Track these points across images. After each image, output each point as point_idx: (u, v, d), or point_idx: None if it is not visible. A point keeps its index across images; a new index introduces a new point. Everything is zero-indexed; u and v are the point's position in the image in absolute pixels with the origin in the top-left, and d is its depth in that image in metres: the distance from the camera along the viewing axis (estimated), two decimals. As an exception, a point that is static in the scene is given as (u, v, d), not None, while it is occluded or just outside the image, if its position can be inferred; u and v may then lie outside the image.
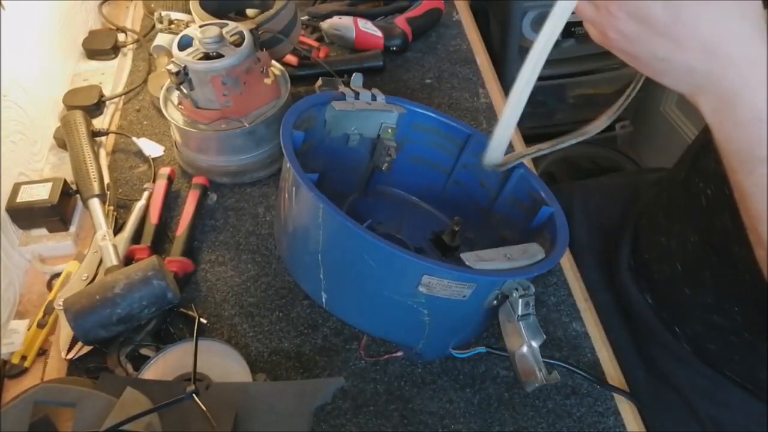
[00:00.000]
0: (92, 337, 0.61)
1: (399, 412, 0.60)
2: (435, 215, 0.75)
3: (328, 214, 0.50)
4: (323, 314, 0.68)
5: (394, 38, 0.99)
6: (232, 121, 0.77)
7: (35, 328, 0.67)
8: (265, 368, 0.64)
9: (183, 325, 0.67)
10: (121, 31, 1.06)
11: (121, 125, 0.91)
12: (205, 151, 0.80)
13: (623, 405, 0.61)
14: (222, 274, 0.72)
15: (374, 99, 0.68)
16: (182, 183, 0.82)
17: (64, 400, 0.52)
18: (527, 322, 0.52)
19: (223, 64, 0.72)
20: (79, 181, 0.76)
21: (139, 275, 0.61)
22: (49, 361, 0.65)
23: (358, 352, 0.65)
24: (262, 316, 0.68)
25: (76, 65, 1.01)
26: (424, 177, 0.73)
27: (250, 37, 0.75)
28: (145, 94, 0.95)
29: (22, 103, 0.81)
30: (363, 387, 0.62)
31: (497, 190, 0.68)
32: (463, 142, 0.70)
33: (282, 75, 0.84)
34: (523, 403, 0.61)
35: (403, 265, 0.50)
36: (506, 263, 0.53)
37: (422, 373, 0.63)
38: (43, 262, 0.74)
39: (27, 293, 0.72)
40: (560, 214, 0.61)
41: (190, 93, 0.75)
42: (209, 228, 0.77)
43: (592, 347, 0.66)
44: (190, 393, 0.50)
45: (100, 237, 0.70)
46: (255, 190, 0.81)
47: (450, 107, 0.92)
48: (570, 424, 0.60)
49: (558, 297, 0.70)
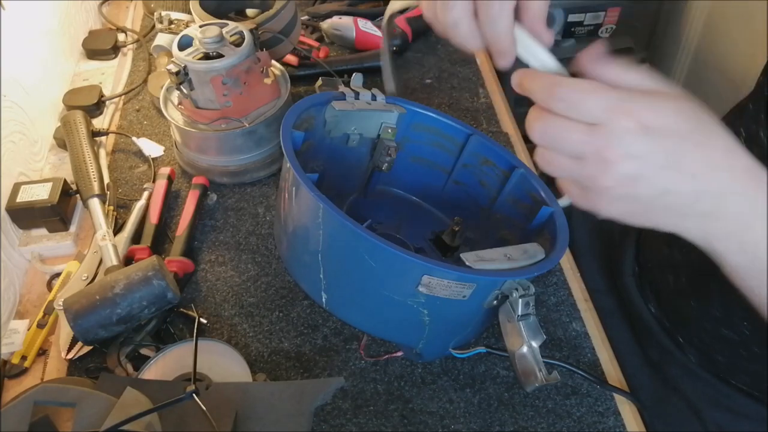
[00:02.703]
0: (92, 337, 0.61)
1: (399, 412, 0.60)
2: (435, 215, 0.75)
3: (328, 214, 0.50)
4: (323, 314, 0.68)
5: (394, 38, 0.99)
6: (232, 121, 0.77)
7: (35, 328, 0.67)
8: (265, 368, 0.64)
9: (183, 325, 0.67)
10: (121, 31, 1.06)
11: (121, 125, 0.91)
12: (205, 151, 0.80)
13: (623, 405, 0.61)
14: (222, 274, 0.72)
15: (374, 99, 0.68)
16: (182, 183, 0.82)
17: (64, 400, 0.52)
18: (527, 322, 0.52)
19: (223, 64, 0.72)
20: (79, 181, 0.76)
21: (139, 275, 0.61)
22: (49, 361, 0.65)
23: (358, 352, 0.65)
24: (262, 316, 0.68)
25: (76, 65, 1.01)
26: (424, 177, 0.73)
27: (250, 37, 0.75)
28: (145, 94, 0.95)
29: (22, 103, 0.81)
30: (363, 387, 0.62)
31: (497, 190, 0.68)
32: (463, 142, 0.70)
33: (282, 75, 0.84)
34: (523, 403, 0.61)
35: (403, 265, 0.50)
36: (506, 263, 0.53)
37: (422, 373, 0.63)
38: (43, 262, 0.74)
39: (27, 293, 0.72)
40: (560, 214, 0.61)
41: (190, 93, 0.75)
42: (209, 228, 0.77)
43: (592, 347, 0.66)
44: (190, 393, 0.50)
45: (100, 237, 0.70)
46: (255, 190, 0.81)
47: (450, 107, 0.92)
48: (570, 424, 0.59)
49: (558, 297, 0.70)
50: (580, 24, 1.58)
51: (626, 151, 0.39)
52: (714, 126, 0.41)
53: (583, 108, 0.40)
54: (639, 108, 0.39)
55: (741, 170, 0.41)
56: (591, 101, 0.40)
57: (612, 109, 0.39)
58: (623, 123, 0.39)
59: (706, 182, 0.40)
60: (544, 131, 0.42)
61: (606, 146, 0.40)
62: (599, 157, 0.40)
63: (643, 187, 0.40)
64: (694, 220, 0.42)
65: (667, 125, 0.39)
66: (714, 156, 0.40)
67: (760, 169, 0.41)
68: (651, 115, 0.39)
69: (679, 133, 0.39)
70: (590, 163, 0.41)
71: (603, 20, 1.59)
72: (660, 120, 0.39)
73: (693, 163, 0.40)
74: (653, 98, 0.40)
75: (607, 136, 0.40)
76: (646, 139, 0.39)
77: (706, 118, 0.41)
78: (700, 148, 0.40)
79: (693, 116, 0.40)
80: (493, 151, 0.68)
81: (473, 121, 0.89)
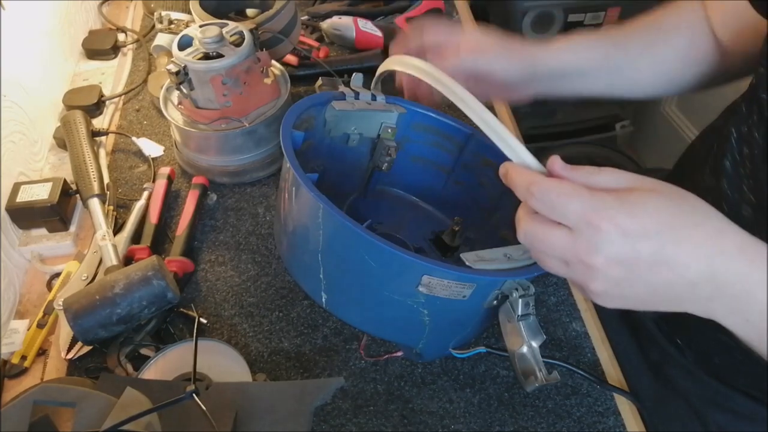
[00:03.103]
0: (92, 337, 0.61)
1: (399, 412, 0.60)
2: (435, 215, 0.75)
3: (328, 214, 0.50)
4: (323, 314, 0.68)
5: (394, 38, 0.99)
6: (232, 121, 0.77)
7: (35, 328, 0.66)
8: (265, 368, 0.63)
9: (183, 325, 0.67)
10: (121, 31, 1.06)
11: (120, 125, 0.91)
12: (205, 150, 0.80)
13: (623, 405, 0.61)
14: (222, 274, 0.72)
15: (374, 99, 0.68)
16: (182, 183, 0.82)
17: (64, 400, 0.52)
18: (527, 322, 0.52)
19: (223, 64, 0.72)
20: (79, 180, 0.76)
21: (139, 275, 0.61)
22: (49, 361, 0.65)
23: (358, 352, 0.65)
24: (262, 316, 0.68)
25: (76, 65, 1.01)
26: (424, 177, 0.73)
27: (250, 37, 0.75)
28: (144, 94, 0.95)
29: (22, 103, 0.81)
30: (363, 387, 0.62)
31: (497, 190, 0.68)
32: (463, 142, 0.70)
33: (282, 75, 0.84)
34: (523, 403, 0.61)
35: (403, 265, 0.50)
36: (506, 263, 0.53)
37: (422, 373, 0.63)
38: (42, 262, 0.74)
39: (27, 293, 0.72)
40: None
41: (190, 93, 0.75)
42: (209, 228, 0.77)
43: (592, 347, 0.66)
44: (190, 393, 0.50)
45: (100, 237, 0.70)
46: (255, 190, 0.81)
47: (450, 107, 0.91)
48: (570, 424, 0.59)
49: (558, 297, 0.70)
50: (581, 24, 1.58)
51: (610, 258, 0.39)
52: (698, 210, 0.41)
53: (561, 211, 0.40)
54: (616, 213, 0.39)
55: (734, 250, 0.40)
56: (569, 205, 0.40)
57: (590, 215, 0.39)
58: (603, 229, 0.39)
59: (700, 271, 0.40)
60: (527, 234, 0.42)
61: (588, 253, 0.39)
62: (584, 264, 0.40)
63: (635, 287, 0.40)
64: (695, 304, 0.42)
65: (648, 225, 0.39)
66: (703, 243, 0.40)
67: (754, 243, 0.41)
68: (628, 219, 0.38)
69: (662, 231, 0.39)
70: (577, 269, 0.41)
71: (603, 20, 1.59)
72: (639, 222, 0.39)
73: (682, 255, 0.39)
74: (630, 199, 0.39)
75: (587, 243, 0.39)
76: (629, 243, 0.39)
77: (689, 205, 0.40)
78: (687, 240, 0.39)
79: (674, 209, 0.40)
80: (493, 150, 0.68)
81: (473, 121, 0.89)
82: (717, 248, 0.40)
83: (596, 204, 0.39)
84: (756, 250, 0.40)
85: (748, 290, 0.40)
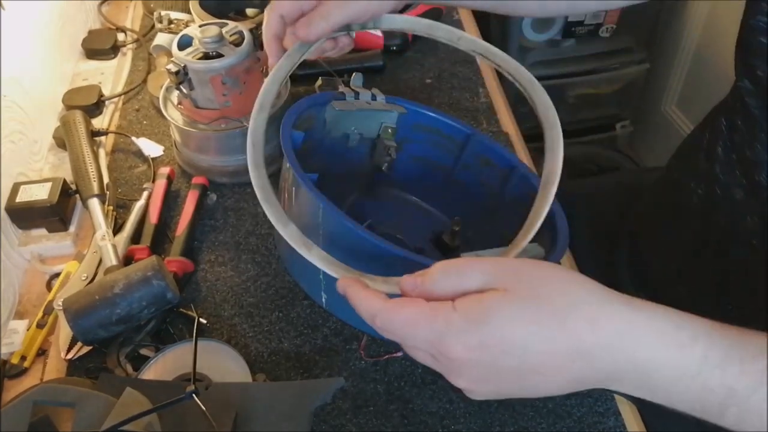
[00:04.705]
0: (92, 337, 0.61)
1: (399, 412, 0.60)
2: (435, 215, 0.74)
3: (328, 214, 0.50)
4: (323, 314, 0.68)
5: (394, 38, 0.99)
6: (231, 121, 0.77)
7: (35, 328, 0.66)
8: (264, 368, 0.63)
9: (183, 325, 0.67)
10: (120, 31, 1.06)
11: (120, 125, 0.91)
12: (205, 150, 0.80)
13: (623, 405, 0.61)
14: (222, 274, 0.72)
15: (374, 99, 0.68)
16: (182, 183, 0.82)
17: (64, 400, 0.52)
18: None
19: (222, 64, 0.72)
20: (79, 180, 0.76)
21: (139, 275, 0.61)
22: (49, 361, 0.65)
23: (358, 352, 0.64)
24: (262, 316, 0.68)
25: (76, 65, 1.01)
26: (424, 177, 0.73)
27: (249, 36, 0.75)
28: (144, 94, 0.95)
29: (22, 103, 0.81)
30: (363, 387, 0.62)
31: (497, 190, 0.68)
32: (463, 142, 0.70)
33: (282, 75, 0.83)
34: (523, 403, 0.61)
35: (404, 265, 0.50)
36: (506, 263, 0.53)
37: (422, 373, 0.63)
38: (42, 262, 0.74)
39: (26, 293, 0.72)
40: (560, 214, 0.61)
41: (189, 93, 0.75)
42: (209, 228, 0.77)
43: (593, 347, 0.66)
44: (189, 393, 0.50)
45: (100, 237, 0.70)
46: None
47: (450, 107, 0.92)
48: (570, 425, 0.59)
49: (558, 297, 0.70)
50: (581, 24, 1.58)
51: (472, 378, 0.37)
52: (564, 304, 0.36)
53: (411, 343, 0.38)
54: (465, 336, 0.36)
55: (612, 337, 0.36)
56: (416, 336, 0.38)
57: (438, 345, 0.37)
58: (455, 357, 0.36)
59: (575, 370, 0.36)
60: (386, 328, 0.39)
61: (452, 374, 0.38)
62: (446, 358, 0.37)
63: (525, 393, 0.38)
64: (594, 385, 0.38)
65: (505, 339, 0.36)
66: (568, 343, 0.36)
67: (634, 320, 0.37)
68: (480, 338, 0.36)
69: (520, 344, 0.36)
70: (442, 363, 0.38)
71: (603, 20, 1.59)
72: (493, 338, 0.36)
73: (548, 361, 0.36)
74: (481, 313, 0.36)
75: (447, 368, 0.38)
76: (488, 357, 0.36)
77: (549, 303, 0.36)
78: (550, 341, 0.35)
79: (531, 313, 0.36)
80: (493, 151, 0.68)
81: (473, 121, 0.89)
82: (589, 342, 0.36)
83: (442, 330, 0.36)
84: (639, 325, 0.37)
85: (642, 370, 0.37)
